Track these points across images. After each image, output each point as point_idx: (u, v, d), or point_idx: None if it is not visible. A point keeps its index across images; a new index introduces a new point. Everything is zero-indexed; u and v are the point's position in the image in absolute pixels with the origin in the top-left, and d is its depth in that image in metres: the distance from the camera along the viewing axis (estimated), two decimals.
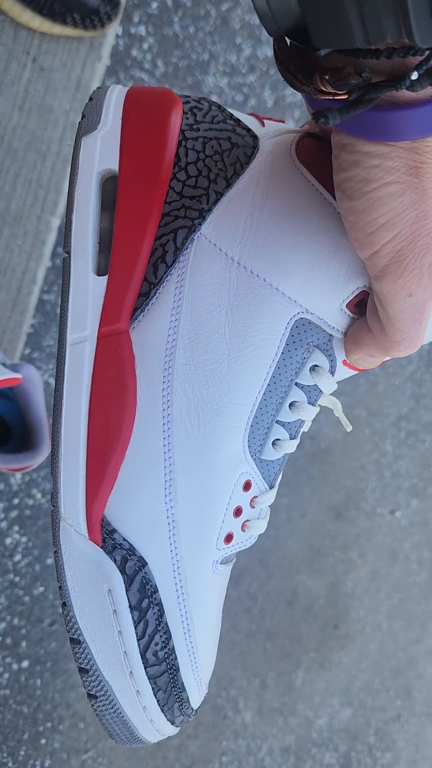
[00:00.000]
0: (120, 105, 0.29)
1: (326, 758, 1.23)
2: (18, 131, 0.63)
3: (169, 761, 1.02)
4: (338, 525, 1.23)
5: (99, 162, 0.28)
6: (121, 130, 0.28)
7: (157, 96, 0.29)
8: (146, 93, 0.29)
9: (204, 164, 0.28)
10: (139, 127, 0.28)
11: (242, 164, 0.28)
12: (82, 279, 0.28)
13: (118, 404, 0.27)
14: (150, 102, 0.29)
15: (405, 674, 1.35)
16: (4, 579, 0.86)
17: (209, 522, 0.28)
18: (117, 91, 0.29)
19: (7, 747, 0.87)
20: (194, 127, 0.28)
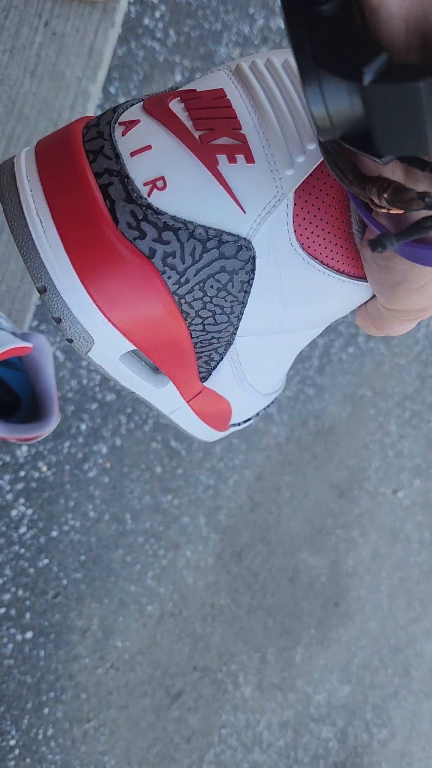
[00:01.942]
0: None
1: (324, 733, 1.24)
2: (30, 97, 0.62)
3: (168, 733, 1.03)
4: (341, 504, 1.24)
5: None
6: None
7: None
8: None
9: (213, 305, 0.26)
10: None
11: (249, 282, 0.26)
12: (151, 393, 0.30)
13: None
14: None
15: (403, 652, 1.36)
16: (9, 551, 0.86)
17: None
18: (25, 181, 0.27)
19: (10, 716, 0.88)
20: (182, 281, 0.25)
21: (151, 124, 0.24)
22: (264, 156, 0.24)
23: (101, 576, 0.95)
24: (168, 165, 0.24)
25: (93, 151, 0.24)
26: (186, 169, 0.24)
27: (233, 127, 0.24)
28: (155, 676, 1.01)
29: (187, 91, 0.25)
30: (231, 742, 1.11)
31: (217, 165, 0.24)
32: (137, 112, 0.25)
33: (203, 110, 0.24)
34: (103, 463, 0.93)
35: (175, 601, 1.03)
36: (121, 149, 0.24)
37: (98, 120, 0.26)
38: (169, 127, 0.24)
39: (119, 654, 0.98)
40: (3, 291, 0.63)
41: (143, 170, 0.24)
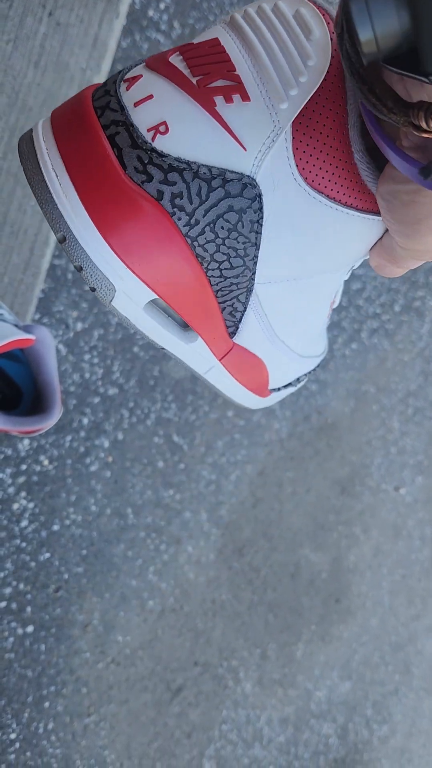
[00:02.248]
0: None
1: (324, 729, 1.24)
2: (33, 88, 0.62)
3: (169, 728, 1.03)
4: (343, 500, 1.23)
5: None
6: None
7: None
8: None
9: (226, 247, 0.27)
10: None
11: (258, 222, 0.27)
12: (181, 349, 0.31)
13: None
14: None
15: (404, 649, 1.36)
16: (11, 544, 0.86)
17: None
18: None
19: (11, 709, 0.88)
20: (191, 222, 0.26)
21: (152, 76, 0.26)
22: (258, 93, 0.25)
23: (102, 570, 0.95)
24: (168, 110, 0.26)
25: (101, 107, 0.26)
26: (185, 113, 0.26)
27: (228, 69, 0.26)
28: (156, 671, 1.01)
29: (185, 45, 0.27)
30: (231, 737, 1.11)
31: (214, 106, 0.25)
32: (140, 69, 0.27)
33: (200, 58, 0.26)
34: (105, 457, 0.93)
35: (176, 596, 1.03)
36: (126, 101, 0.26)
37: (106, 81, 0.28)
38: (168, 77, 0.26)
39: (120, 649, 0.97)
40: (5, 283, 0.63)
41: (146, 117, 0.26)
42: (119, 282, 0.27)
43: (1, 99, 0.60)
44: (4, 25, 0.59)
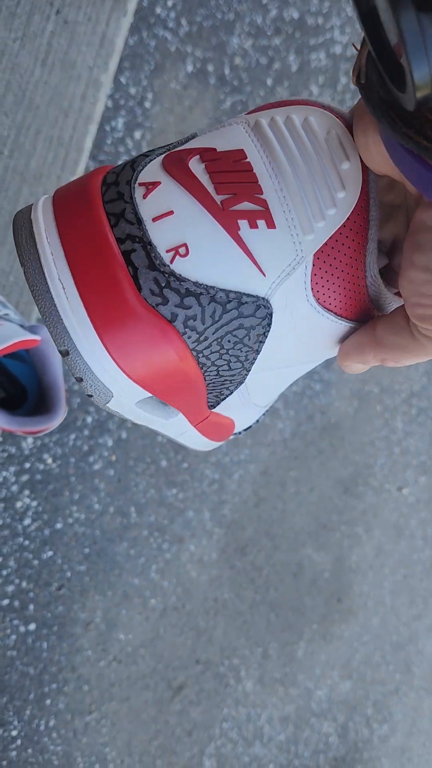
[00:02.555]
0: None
1: (324, 728, 1.25)
2: (40, 86, 0.61)
3: (170, 725, 1.03)
4: (345, 500, 1.23)
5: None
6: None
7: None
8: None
9: (229, 355, 0.27)
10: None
11: (265, 334, 0.27)
12: (159, 424, 0.31)
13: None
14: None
15: (405, 649, 1.36)
16: (14, 542, 0.86)
17: None
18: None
19: (13, 706, 0.88)
20: (200, 339, 0.26)
21: (173, 186, 0.25)
22: (285, 221, 0.24)
23: (105, 569, 0.95)
24: (190, 231, 0.24)
25: (114, 215, 0.24)
26: (208, 236, 0.24)
27: (255, 192, 0.24)
28: (157, 669, 1.02)
29: (207, 150, 0.25)
30: (232, 735, 1.11)
31: (238, 230, 0.24)
32: (157, 172, 0.25)
33: (224, 174, 0.24)
34: (108, 455, 0.93)
35: (178, 595, 1.03)
36: (143, 213, 0.24)
37: (117, 177, 0.25)
38: (190, 190, 0.24)
39: (122, 647, 0.98)
40: (11, 282, 0.63)
41: (166, 237, 0.24)
42: (119, 390, 0.27)
43: (8, 97, 0.60)
44: (11, 23, 0.59)
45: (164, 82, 0.86)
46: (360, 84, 0.21)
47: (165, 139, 0.87)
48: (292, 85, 0.96)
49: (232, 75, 0.91)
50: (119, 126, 0.83)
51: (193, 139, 0.26)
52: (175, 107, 0.87)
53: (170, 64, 0.86)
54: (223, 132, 0.26)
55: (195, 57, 0.87)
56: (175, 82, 0.86)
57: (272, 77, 0.94)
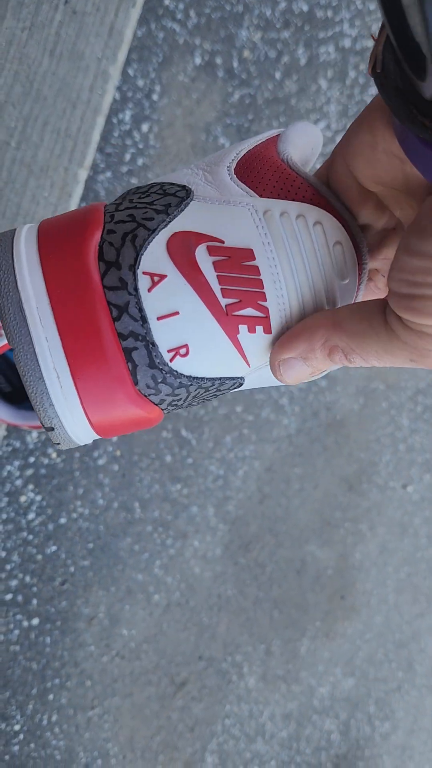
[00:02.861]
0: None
1: (326, 725, 1.24)
2: (48, 77, 0.61)
3: (172, 721, 1.03)
4: (350, 497, 1.23)
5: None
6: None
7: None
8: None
9: (193, 406, 0.29)
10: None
11: (230, 392, 0.30)
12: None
13: None
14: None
15: (408, 647, 1.36)
16: (18, 537, 0.86)
17: None
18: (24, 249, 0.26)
19: (15, 701, 0.88)
20: (177, 407, 0.28)
21: (180, 283, 0.25)
22: (280, 328, 0.26)
23: (109, 564, 0.94)
24: (193, 335, 0.25)
25: (117, 306, 0.24)
26: (209, 339, 0.25)
27: (258, 299, 0.25)
28: (160, 665, 1.01)
29: (214, 242, 0.25)
30: (234, 732, 1.11)
31: (237, 334, 0.25)
32: (162, 259, 0.25)
33: (232, 278, 0.25)
34: (113, 451, 0.93)
35: (182, 591, 1.02)
36: (148, 310, 0.24)
37: (118, 256, 0.25)
38: (198, 292, 0.25)
39: (125, 642, 0.97)
40: None
41: (169, 338, 0.25)
42: (85, 441, 0.27)
43: (15, 88, 0.59)
44: (19, 12, 0.58)
45: (172, 74, 0.85)
46: (376, 73, 0.21)
47: (173, 132, 0.86)
48: (300, 78, 0.95)
49: (240, 68, 0.90)
50: (126, 118, 0.82)
51: (193, 205, 0.25)
52: (183, 100, 0.86)
53: (178, 56, 0.85)
54: (228, 214, 0.25)
55: (203, 49, 0.87)
56: (183, 74, 0.86)
57: (281, 71, 0.93)
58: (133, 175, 0.83)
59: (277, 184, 0.26)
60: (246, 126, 0.92)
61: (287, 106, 0.95)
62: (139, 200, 0.26)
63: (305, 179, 0.26)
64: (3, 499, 0.84)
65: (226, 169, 0.27)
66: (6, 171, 0.59)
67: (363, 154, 0.24)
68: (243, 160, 0.27)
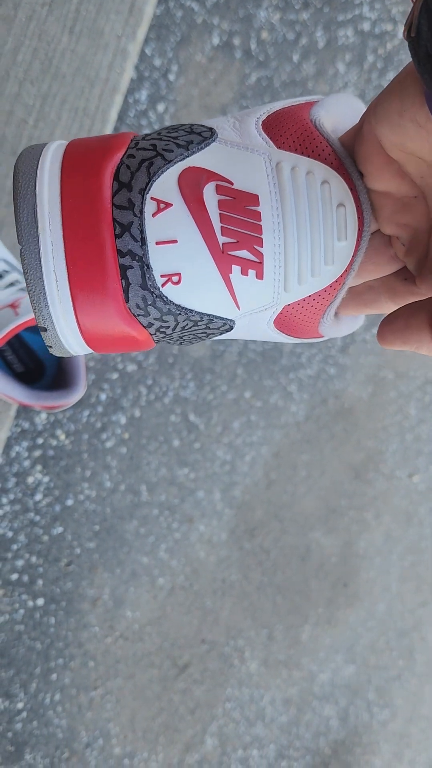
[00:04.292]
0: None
1: (326, 711, 1.25)
2: (67, 55, 0.60)
3: (174, 703, 1.04)
4: (356, 485, 1.23)
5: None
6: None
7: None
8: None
9: (184, 340, 0.30)
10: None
11: (221, 334, 0.30)
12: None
13: None
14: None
15: (409, 636, 1.37)
16: (25, 517, 0.86)
17: None
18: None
19: (19, 679, 0.89)
20: (166, 336, 0.29)
21: (183, 213, 0.26)
22: (273, 276, 0.27)
23: (114, 546, 0.95)
24: (187, 265, 0.26)
25: (121, 224, 0.25)
26: (202, 273, 0.26)
27: (255, 243, 0.26)
28: (163, 647, 1.02)
29: (224, 182, 0.26)
30: (234, 715, 1.12)
31: (230, 274, 0.26)
32: (172, 189, 0.26)
33: (234, 219, 0.26)
34: (121, 433, 0.93)
35: (186, 575, 1.03)
36: (149, 233, 0.26)
37: (131, 179, 0.26)
38: (198, 224, 0.26)
39: (129, 624, 0.98)
40: None
41: (164, 263, 0.26)
42: (75, 349, 0.29)
43: (34, 65, 0.58)
44: None
45: (189, 54, 0.84)
46: (410, 38, 0.21)
47: (188, 114, 0.85)
48: (318, 61, 0.94)
49: (258, 49, 0.89)
50: (143, 98, 0.81)
51: (214, 146, 0.26)
52: (199, 80, 0.85)
53: (196, 35, 0.84)
54: (243, 159, 0.26)
55: (221, 30, 0.85)
56: (200, 54, 0.85)
57: (299, 53, 0.92)
58: None
59: (297, 140, 0.27)
60: None
61: (304, 89, 0.94)
62: (166, 134, 0.27)
63: (326, 138, 0.27)
64: (11, 479, 0.84)
65: (255, 119, 0.28)
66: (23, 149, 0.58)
67: (390, 119, 0.24)
68: (274, 114, 0.28)
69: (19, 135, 0.59)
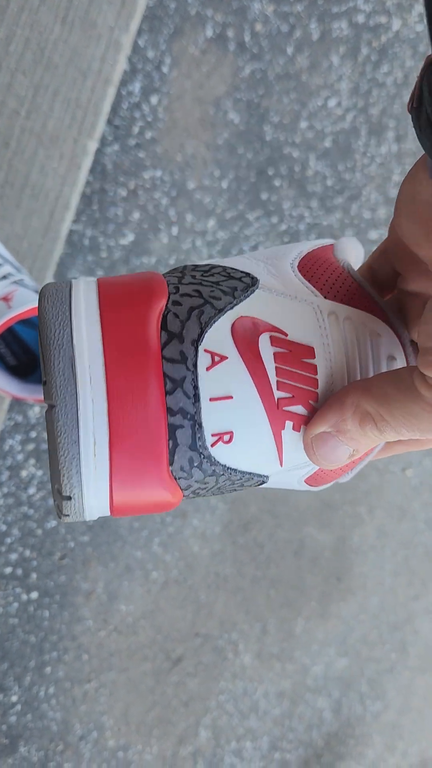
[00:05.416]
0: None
1: (318, 703, 1.26)
2: (59, 45, 0.59)
3: (168, 696, 1.04)
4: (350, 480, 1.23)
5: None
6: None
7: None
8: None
9: (213, 494, 0.28)
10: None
11: (250, 487, 0.28)
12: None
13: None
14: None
15: (402, 629, 1.37)
16: (18, 511, 0.86)
17: None
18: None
19: (13, 673, 0.89)
20: (197, 496, 0.27)
21: (239, 368, 0.24)
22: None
23: (108, 540, 0.95)
24: (241, 422, 0.24)
25: (172, 379, 0.23)
26: (255, 430, 0.24)
27: (310, 398, 0.25)
28: (157, 641, 1.02)
29: (278, 333, 0.24)
30: (228, 708, 1.12)
31: (282, 430, 0.25)
32: (226, 341, 0.24)
33: (290, 372, 0.24)
34: None
35: (180, 569, 1.03)
36: (202, 389, 0.23)
37: (182, 328, 0.23)
38: (254, 377, 0.24)
39: (122, 617, 0.98)
40: (25, 248, 0.62)
41: (217, 421, 0.24)
42: (92, 513, 0.26)
43: (26, 55, 0.58)
44: None
45: (183, 46, 0.83)
46: (412, 108, 0.20)
47: (181, 106, 0.85)
48: (312, 54, 0.94)
49: (252, 42, 0.89)
50: (136, 90, 0.81)
51: (259, 293, 0.25)
52: (192, 73, 0.85)
53: (189, 27, 0.84)
54: (293, 308, 0.25)
55: (215, 21, 0.85)
56: (193, 46, 0.84)
57: (293, 45, 0.92)
58: (141, 149, 0.82)
59: (341, 289, 0.26)
60: (256, 101, 0.91)
61: (298, 82, 0.93)
62: (203, 278, 0.25)
63: (367, 292, 0.26)
64: (4, 472, 0.84)
65: (290, 264, 0.26)
66: (15, 140, 0.58)
67: (405, 207, 0.23)
68: (305, 259, 0.27)
69: (11, 126, 0.58)
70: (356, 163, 1.02)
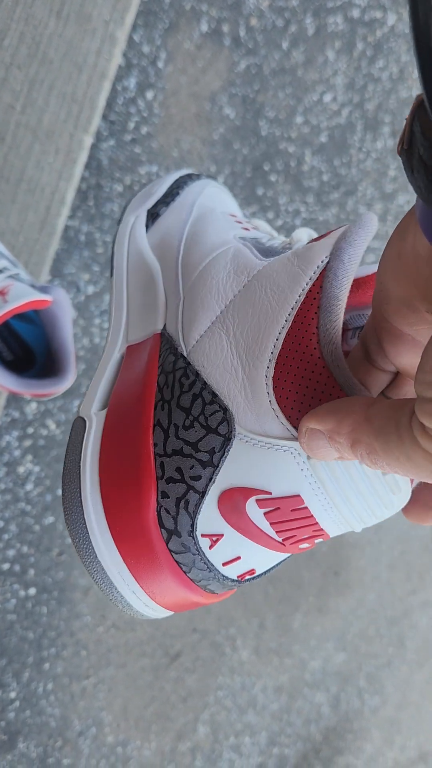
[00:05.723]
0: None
1: (317, 698, 1.26)
2: (54, 40, 0.59)
3: (165, 692, 1.04)
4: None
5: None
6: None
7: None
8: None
9: None
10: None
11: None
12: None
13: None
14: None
15: (399, 623, 1.38)
16: (16, 507, 0.86)
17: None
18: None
19: (12, 669, 0.89)
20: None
21: (237, 537, 0.26)
22: (337, 531, 0.27)
23: None
24: (257, 563, 0.27)
25: (185, 564, 0.27)
26: (272, 561, 0.28)
27: (315, 529, 0.26)
28: (155, 636, 1.02)
29: (262, 494, 0.25)
30: (226, 703, 1.13)
31: (298, 547, 0.27)
32: (216, 520, 0.26)
33: (286, 523, 0.26)
34: None
35: None
36: (213, 562, 0.27)
37: (175, 524, 0.26)
38: (254, 540, 0.26)
39: (120, 613, 0.98)
40: (21, 242, 0.62)
41: (235, 570, 0.27)
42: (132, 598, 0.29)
43: (21, 49, 0.58)
44: None
45: (178, 41, 0.83)
46: (402, 150, 0.19)
47: (177, 101, 0.85)
48: (308, 49, 0.94)
49: (247, 37, 0.89)
50: (131, 86, 0.80)
51: (236, 446, 0.26)
52: (188, 68, 0.85)
53: (185, 22, 0.83)
54: (272, 460, 0.25)
55: (210, 16, 0.85)
56: (189, 41, 0.84)
57: (288, 40, 0.92)
58: (136, 144, 0.82)
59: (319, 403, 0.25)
60: (251, 96, 0.91)
61: (294, 77, 0.93)
62: (184, 435, 0.26)
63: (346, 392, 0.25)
64: (1, 469, 0.84)
65: (264, 377, 0.26)
66: (11, 135, 0.58)
67: (391, 264, 0.22)
68: (280, 361, 0.26)
69: (6, 121, 0.58)
70: (352, 158, 1.02)
